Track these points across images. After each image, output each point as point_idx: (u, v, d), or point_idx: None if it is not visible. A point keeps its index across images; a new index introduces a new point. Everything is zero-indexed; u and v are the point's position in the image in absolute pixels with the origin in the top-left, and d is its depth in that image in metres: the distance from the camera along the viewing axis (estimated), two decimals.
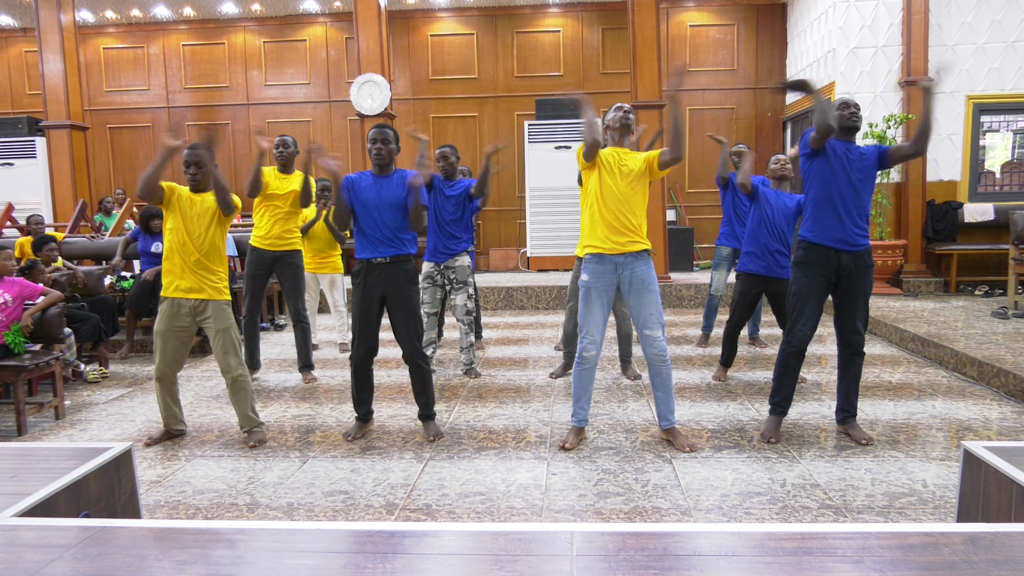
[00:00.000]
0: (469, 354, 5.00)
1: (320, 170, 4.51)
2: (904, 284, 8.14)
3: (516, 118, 10.67)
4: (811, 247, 3.46)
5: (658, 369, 3.45)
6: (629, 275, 3.40)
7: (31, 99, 11.11)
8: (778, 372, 3.58)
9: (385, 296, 3.63)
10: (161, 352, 3.64)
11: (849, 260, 3.39)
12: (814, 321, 3.48)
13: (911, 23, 8.04)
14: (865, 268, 3.43)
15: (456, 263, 4.79)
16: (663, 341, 3.42)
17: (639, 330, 3.47)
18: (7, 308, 4.34)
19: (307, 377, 5.02)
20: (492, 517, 2.79)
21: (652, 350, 3.43)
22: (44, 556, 1.37)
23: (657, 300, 3.41)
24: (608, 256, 3.40)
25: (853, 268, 3.40)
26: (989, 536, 1.37)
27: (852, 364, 3.53)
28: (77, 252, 6.85)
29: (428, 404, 3.76)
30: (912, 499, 2.87)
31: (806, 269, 3.46)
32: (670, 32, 10.45)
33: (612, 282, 3.43)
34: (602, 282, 3.42)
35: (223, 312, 3.68)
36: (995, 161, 8.64)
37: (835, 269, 3.41)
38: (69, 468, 1.84)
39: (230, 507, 2.94)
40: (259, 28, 10.89)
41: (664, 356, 3.43)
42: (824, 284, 3.45)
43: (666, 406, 3.50)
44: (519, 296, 8.28)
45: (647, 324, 3.41)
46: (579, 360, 3.49)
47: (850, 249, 3.38)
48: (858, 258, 3.41)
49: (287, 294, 4.98)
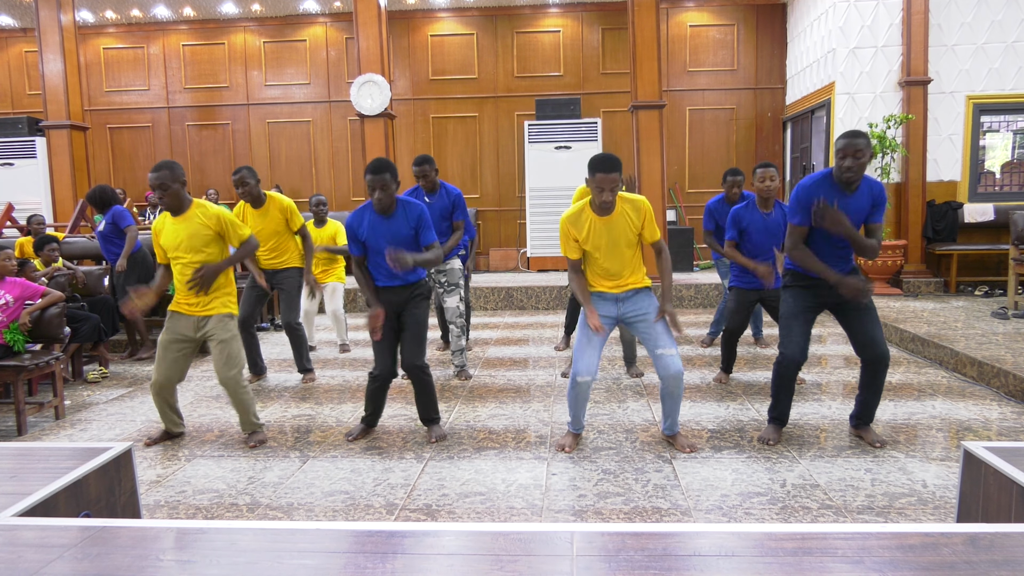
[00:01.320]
0: (461, 357, 5.00)
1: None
2: (904, 284, 8.15)
3: (516, 118, 10.67)
4: (796, 275, 3.43)
5: (674, 387, 3.36)
6: (632, 308, 3.38)
7: (31, 99, 11.11)
8: (774, 387, 3.55)
9: (400, 311, 3.66)
10: (161, 363, 3.62)
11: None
12: (804, 339, 3.41)
13: (911, 23, 8.04)
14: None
15: (447, 266, 4.80)
16: (678, 359, 3.32)
17: (652, 351, 3.35)
18: (8, 308, 4.34)
19: (306, 378, 5.02)
20: (492, 517, 2.79)
21: (669, 370, 3.30)
22: (44, 556, 1.37)
23: (664, 320, 3.37)
24: (609, 294, 3.39)
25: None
26: (989, 536, 1.37)
27: (877, 375, 3.38)
28: (77, 252, 6.83)
29: (430, 409, 3.75)
30: (912, 499, 2.87)
31: (794, 292, 3.43)
32: (670, 32, 10.45)
33: (612, 313, 3.41)
34: (602, 312, 3.40)
35: (226, 325, 3.64)
36: (995, 161, 8.64)
37: (824, 292, 3.35)
38: (69, 468, 1.84)
39: (230, 507, 2.94)
40: (259, 28, 10.89)
41: (681, 376, 3.33)
42: (813, 304, 3.40)
43: (672, 417, 3.49)
44: (519, 296, 8.28)
45: (659, 343, 3.32)
46: (573, 383, 3.44)
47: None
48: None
49: (283, 305, 4.99)
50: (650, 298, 3.41)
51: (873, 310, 3.34)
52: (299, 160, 10.95)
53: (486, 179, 10.87)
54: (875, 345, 3.30)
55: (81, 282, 5.61)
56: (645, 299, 3.39)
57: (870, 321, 3.31)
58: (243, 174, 4.60)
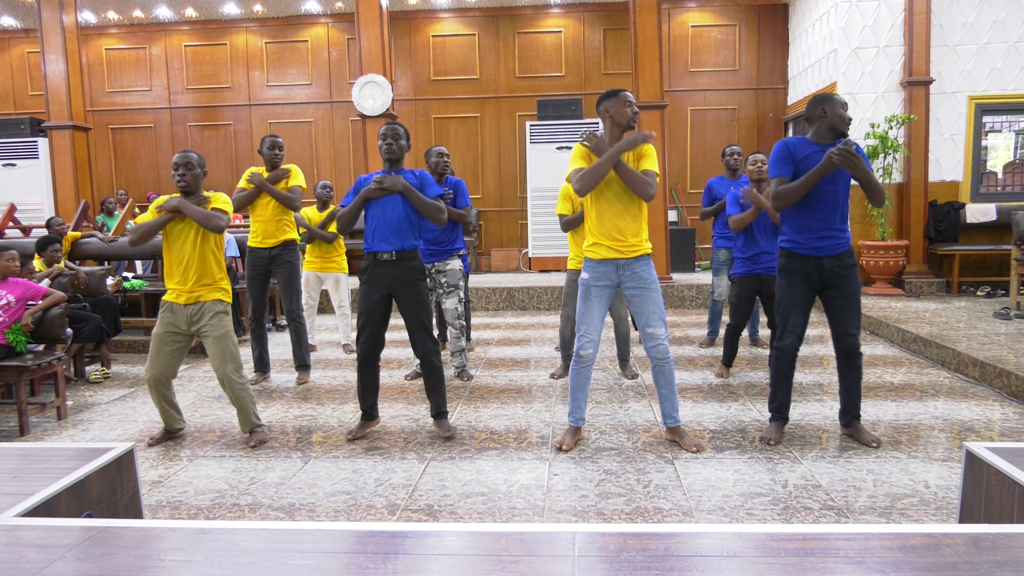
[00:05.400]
0: (460, 357, 5.00)
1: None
2: (906, 285, 8.13)
3: (517, 118, 10.67)
4: (791, 255, 3.45)
5: (660, 367, 3.42)
6: (630, 275, 3.38)
7: (33, 100, 11.13)
8: (772, 378, 3.59)
9: (393, 293, 3.64)
10: (155, 356, 3.65)
11: (831, 264, 3.37)
12: (801, 328, 3.46)
13: (913, 23, 8.03)
14: (848, 269, 3.39)
15: (447, 267, 4.79)
16: (665, 339, 3.39)
17: (641, 329, 3.44)
18: (10, 309, 4.34)
19: (301, 377, 4.98)
20: (494, 517, 2.79)
21: (654, 348, 3.39)
22: (46, 556, 1.37)
23: (658, 298, 3.39)
24: (609, 260, 3.39)
25: (837, 271, 3.38)
26: (991, 537, 1.37)
27: (851, 366, 3.51)
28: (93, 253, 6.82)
29: (441, 403, 3.77)
30: (914, 500, 2.87)
31: (789, 277, 3.46)
32: (672, 32, 10.45)
33: (613, 280, 3.41)
34: (602, 280, 3.41)
35: (220, 318, 3.67)
36: (997, 162, 8.63)
37: (818, 275, 3.40)
38: (71, 468, 1.84)
39: (232, 507, 2.94)
40: (261, 29, 10.91)
41: (667, 354, 3.40)
42: (808, 290, 3.43)
43: (670, 403, 3.49)
44: (520, 296, 8.28)
45: (649, 322, 3.38)
46: (576, 359, 3.48)
47: (830, 253, 3.37)
48: (839, 260, 3.38)
49: (283, 290, 4.97)
50: (650, 269, 3.40)
51: (855, 303, 3.43)
52: (301, 160, 10.95)
53: (487, 179, 10.87)
54: (845, 337, 3.45)
55: (83, 283, 5.62)
56: (645, 269, 3.38)
57: (849, 313, 3.43)
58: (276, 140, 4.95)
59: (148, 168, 11.27)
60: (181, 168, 3.66)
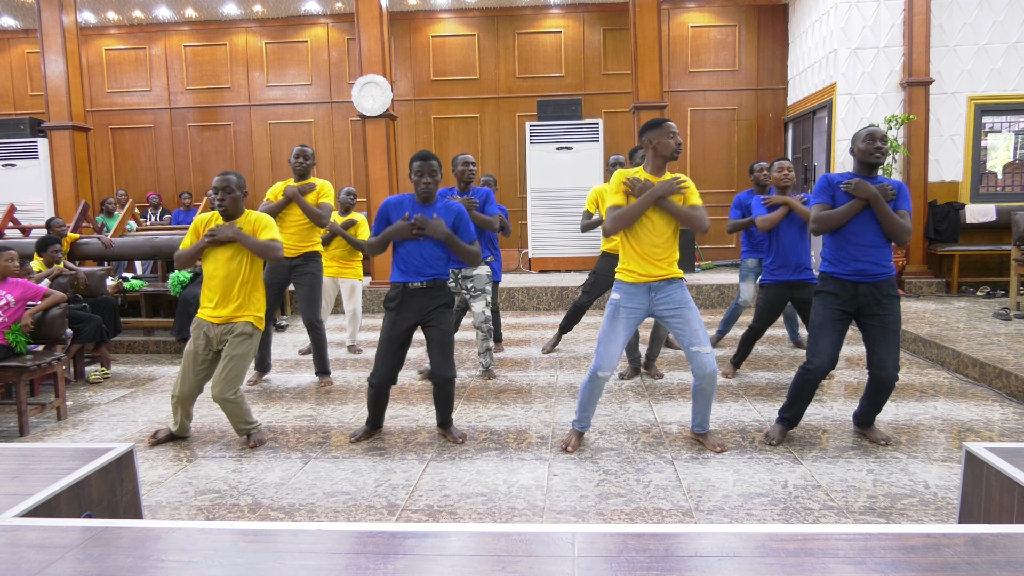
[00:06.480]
0: (486, 358, 5.07)
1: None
2: (906, 285, 8.13)
3: (517, 119, 10.67)
4: (827, 279, 3.42)
5: (710, 382, 3.37)
6: (664, 297, 3.34)
7: (33, 100, 11.13)
8: (793, 391, 3.53)
9: (422, 318, 3.60)
10: (186, 375, 3.63)
11: (867, 290, 3.31)
12: (833, 350, 3.38)
13: (912, 24, 8.03)
14: (887, 299, 3.32)
15: (473, 272, 4.81)
16: (712, 358, 3.33)
17: (687, 347, 3.35)
18: (9, 309, 4.34)
19: (323, 381, 4.97)
20: (494, 518, 2.79)
21: (704, 369, 3.30)
22: (46, 556, 1.37)
23: (699, 316, 3.35)
24: (642, 283, 3.36)
25: (874, 299, 3.31)
26: (991, 537, 1.37)
27: (882, 390, 3.44)
28: (93, 253, 6.83)
29: (448, 415, 3.76)
30: (914, 500, 2.87)
31: (823, 299, 3.42)
32: (671, 33, 10.45)
33: (643, 304, 3.36)
34: (633, 303, 3.36)
35: (244, 340, 3.60)
36: (997, 162, 8.63)
37: (853, 300, 3.35)
38: (71, 469, 1.84)
39: (232, 508, 2.94)
40: (261, 29, 10.90)
41: (716, 375, 3.35)
42: (841, 314, 3.38)
43: (703, 414, 3.51)
44: (520, 297, 8.28)
45: (694, 340, 3.31)
46: (593, 378, 3.44)
47: (867, 280, 3.31)
48: (878, 288, 3.31)
49: (302, 303, 4.87)
50: (683, 291, 3.37)
51: (894, 332, 3.34)
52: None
53: None
54: (884, 367, 3.36)
55: (83, 283, 5.62)
56: (678, 291, 3.34)
57: (886, 343, 3.34)
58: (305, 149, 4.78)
59: (148, 168, 11.27)
60: (220, 192, 3.54)
